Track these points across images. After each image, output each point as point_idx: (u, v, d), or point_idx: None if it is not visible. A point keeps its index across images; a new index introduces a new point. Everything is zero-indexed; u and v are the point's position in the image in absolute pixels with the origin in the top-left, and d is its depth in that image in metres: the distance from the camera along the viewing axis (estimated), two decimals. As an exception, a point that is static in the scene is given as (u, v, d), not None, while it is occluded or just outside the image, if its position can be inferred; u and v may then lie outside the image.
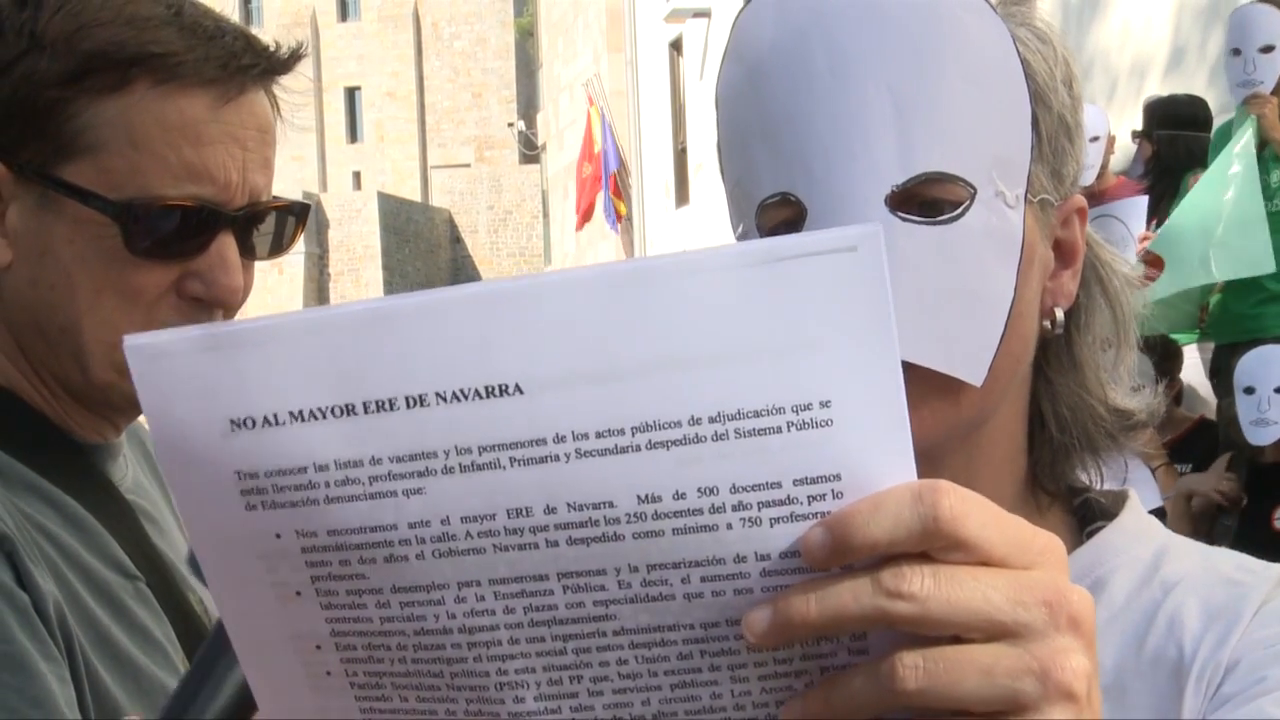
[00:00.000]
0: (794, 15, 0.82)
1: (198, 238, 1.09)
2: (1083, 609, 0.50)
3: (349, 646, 0.55)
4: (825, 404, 0.48)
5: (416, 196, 61.33)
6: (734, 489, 0.49)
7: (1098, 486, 0.94)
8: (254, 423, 0.51)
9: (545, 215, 26.41)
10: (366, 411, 0.50)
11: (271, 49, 1.13)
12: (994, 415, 0.87)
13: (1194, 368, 5.19)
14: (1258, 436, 4.01)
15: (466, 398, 0.49)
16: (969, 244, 0.81)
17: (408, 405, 0.49)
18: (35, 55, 1.04)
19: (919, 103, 0.80)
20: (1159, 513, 4.08)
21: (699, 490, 0.49)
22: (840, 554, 0.50)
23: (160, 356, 0.50)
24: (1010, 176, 0.82)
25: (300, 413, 0.50)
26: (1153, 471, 4.41)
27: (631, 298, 0.47)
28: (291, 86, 1.18)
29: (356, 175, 63.64)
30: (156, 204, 1.07)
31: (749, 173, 0.85)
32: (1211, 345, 5.02)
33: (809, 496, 0.49)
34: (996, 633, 0.49)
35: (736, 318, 0.48)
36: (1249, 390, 4.01)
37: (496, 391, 0.48)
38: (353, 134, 65.08)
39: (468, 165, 63.11)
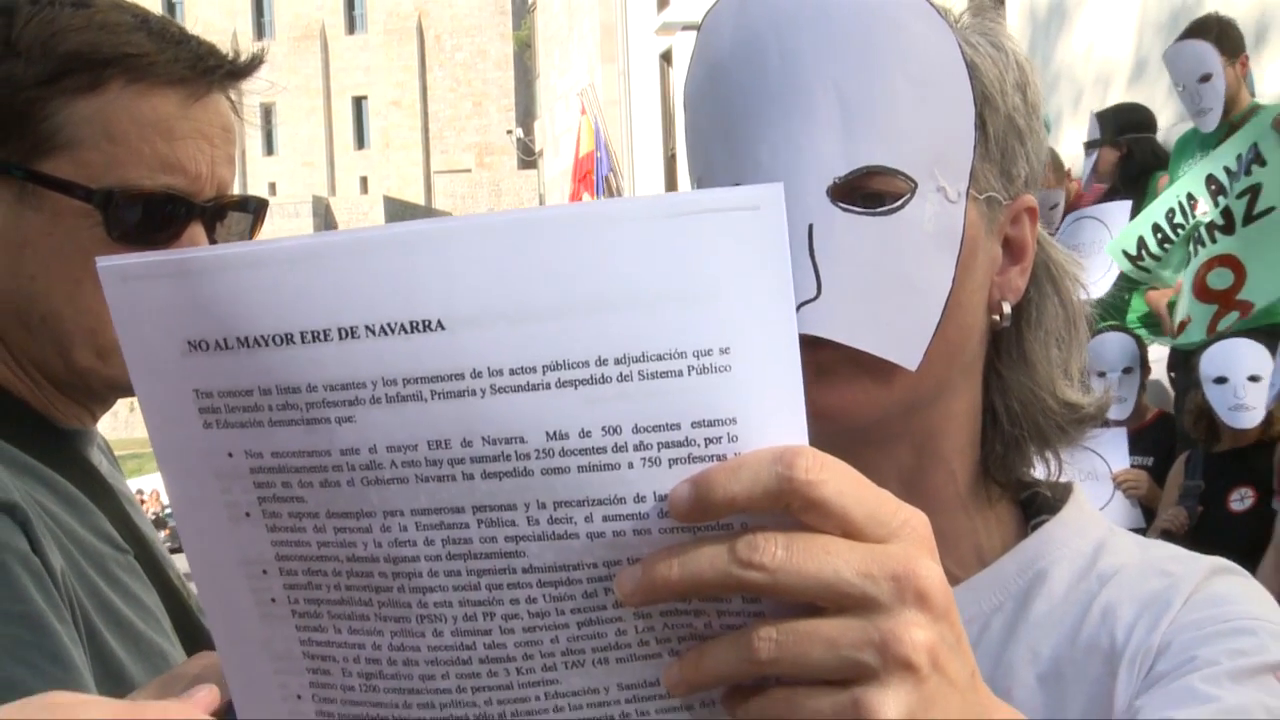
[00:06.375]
0: (752, 18, 0.85)
1: (171, 227, 1.13)
2: (931, 583, 0.52)
3: (290, 571, 0.57)
4: (725, 350, 0.51)
5: (420, 200, 61.42)
6: (636, 429, 0.51)
7: (1048, 479, 0.98)
8: (208, 345, 0.53)
9: (543, 220, 26.52)
10: (303, 341, 0.51)
11: (231, 56, 1.18)
12: (938, 403, 0.89)
13: (1153, 363, 5.12)
14: (1238, 421, 4.14)
15: (392, 332, 0.50)
16: (908, 235, 0.83)
17: (340, 337, 0.51)
18: (11, 61, 1.09)
19: (863, 100, 0.82)
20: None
21: (603, 429, 0.51)
22: (702, 509, 0.52)
23: (128, 279, 0.53)
24: (952, 173, 0.84)
25: (245, 339, 0.52)
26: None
27: (545, 243, 0.49)
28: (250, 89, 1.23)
29: (364, 180, 63.69)
30: (135, 192, 1.10)
31: (708, 170, 0.88)
32: (1169, 342, 4.98)
33: (706, 439, 0.52)
34: (845, 604, 0.51)
35: (644, 266, 0.50)
36: (1220, 380, 4.13)
37: (420, 327, 0.50)
38: (360, 141, 65.23)
39: (469, 170, 63.24)
